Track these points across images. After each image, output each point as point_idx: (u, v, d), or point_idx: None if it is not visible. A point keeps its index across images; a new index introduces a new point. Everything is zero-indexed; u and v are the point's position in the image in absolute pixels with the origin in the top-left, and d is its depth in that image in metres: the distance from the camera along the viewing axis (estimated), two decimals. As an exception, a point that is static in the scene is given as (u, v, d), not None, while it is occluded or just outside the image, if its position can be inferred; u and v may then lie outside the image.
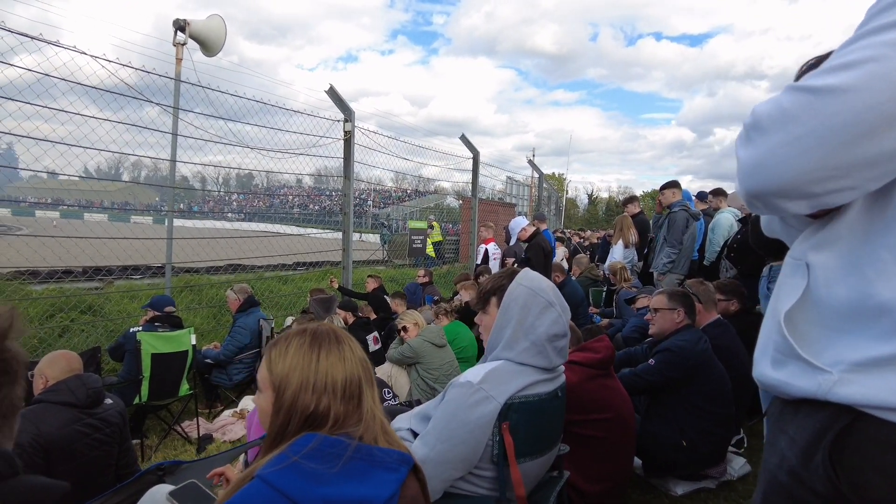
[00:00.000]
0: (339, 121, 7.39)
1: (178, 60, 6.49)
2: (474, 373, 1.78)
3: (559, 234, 12.78)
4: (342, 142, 7.41)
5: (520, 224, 6.75)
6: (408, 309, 5.37)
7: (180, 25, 6.55)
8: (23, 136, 4.74)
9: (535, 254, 6.17)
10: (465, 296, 5.95)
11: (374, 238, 19.40)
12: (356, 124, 7.35)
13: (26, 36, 4.54)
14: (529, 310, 1.84)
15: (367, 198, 26.70)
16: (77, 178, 7.11)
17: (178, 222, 7.09)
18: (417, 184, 11.20)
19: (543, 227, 7.92)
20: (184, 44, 6.55)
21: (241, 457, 2.42)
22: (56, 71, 4.74)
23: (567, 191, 45.73)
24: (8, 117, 4.50)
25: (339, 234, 7.55)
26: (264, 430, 1.17)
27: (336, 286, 6.89)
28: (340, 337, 1.19)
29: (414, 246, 11.48)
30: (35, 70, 4.68)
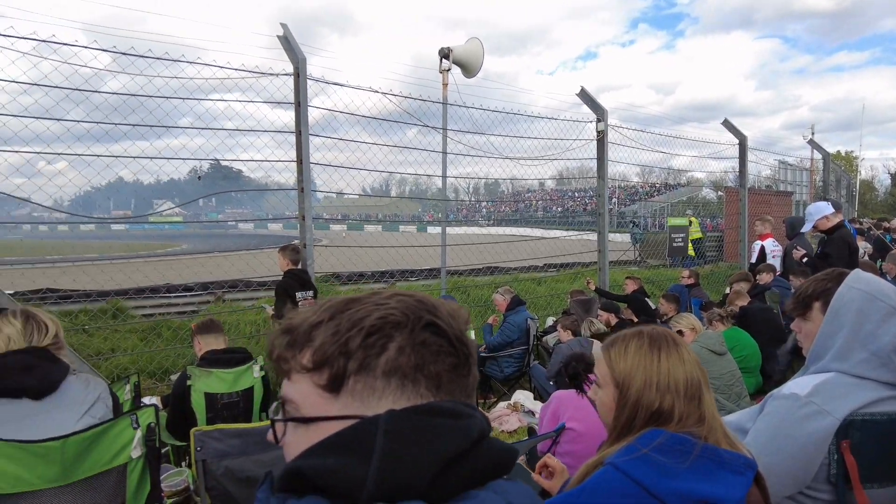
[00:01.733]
0: (589, 121, 7.40)
1: (444, 85, 7.27)
2: (799, 384, 1.62)
3: (858, 225, 10.64)
4: (594, 142, 7.40)
5: (821, 210, 5.43)
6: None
7: (445, 53, 7.32)
8: (322, 165, 5.80)
9: (838, 249, 5.13)
10: (739, 299, 5.37)
11: (620, 237, 18.82)
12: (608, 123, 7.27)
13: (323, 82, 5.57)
14: (867, 316, 1.60)
15: (611, 195, 26.12)
16: (356, 196, 8.50)
17: (434, 229, 7.92)
18: (667, 176, 10.49)
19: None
20: (448, 70, 7.30)
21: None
22: (345, 107, 5.68)
23: (859, 171, 37.78)
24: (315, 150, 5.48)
25: (594, 236, 7.55)
26: (604, 422, 1.27)
27: (593, 288, 6.89)
28: (677, 340, 1.23)
29: (675, 245, 10.75)
30: (324, 108, 5.64)
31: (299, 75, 4.79)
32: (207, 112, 5.60)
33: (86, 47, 4.51)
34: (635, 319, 5.84)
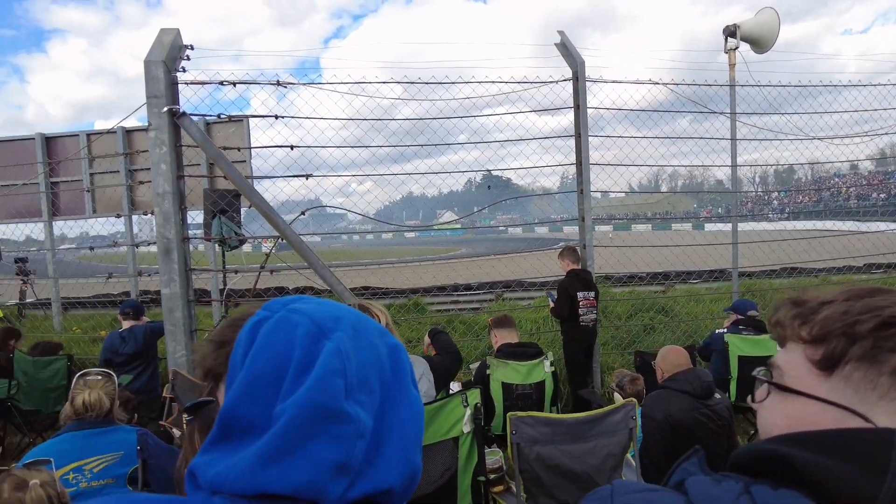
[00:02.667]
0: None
1: (731, 66, 6.55)
2: None
3: None
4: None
5: None
6: None
7: (731, 31, 6.60)
8: (601, 165, 5.73)
9: None
10: None
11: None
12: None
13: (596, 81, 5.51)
14: None
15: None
16: (622, 195, 8.18)
17: (711, 226, 7.10)
18: None
19: None
20: (735, 48, 6.56)
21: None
22: (611, 103, 5.51)
23: None
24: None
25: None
26: None
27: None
28: None
29: None
30: (602, 108, 5.56)
31: (578, 79, 4.87)
32: (482, 127, 6.14)
33: (383, 82, 5.31)
34: None
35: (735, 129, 6.26)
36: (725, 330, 4.38)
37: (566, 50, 4.98)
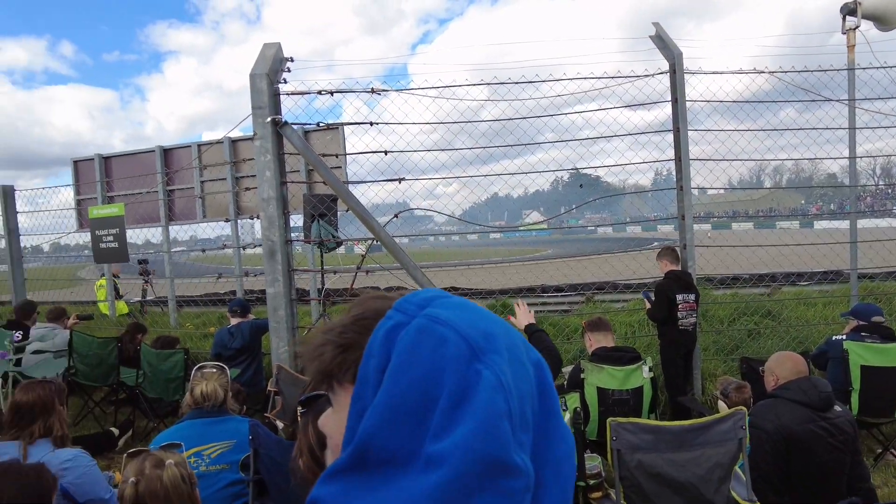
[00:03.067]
0: None
1: (850, 48, 5.99)
2: None
3: None
4: None
5: None
6: None
7: (850, 9, 6.03)
8: (702, 160, 5.43)
9: None
10: None
11: None
12: None
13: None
14: None
15: None
16: (722, 191, 7.64)
17: (822, 224, 6.49)
18: None
19: None
20: (856, 27, 5.99)
21: None
22: (712, 96, 5.21)
23: None
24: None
25: None
26: None
27: None
28: None
29: None
30: (702, 101, 5.26)
31: (675, 71, 4.65)
32: (572, 124, 5.99)
33: (470, 85, 5.30)
34: None
35: (854, 116, 5.71)
36: (844, 336, 4.00)
37: (662, 42, 4.77)
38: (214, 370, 3.18)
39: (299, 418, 1.55)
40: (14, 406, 2.82)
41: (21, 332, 5.81)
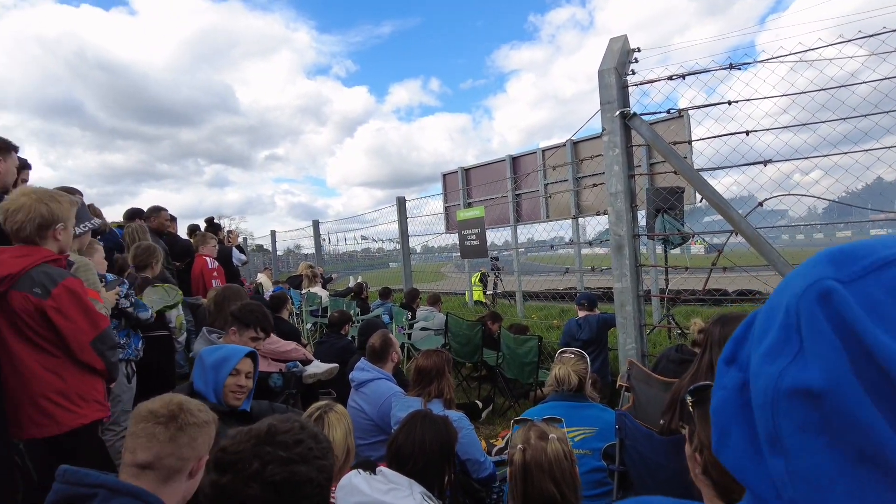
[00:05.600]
0: None
1: None
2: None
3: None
4: None
5: None
6: None
7: None
8: None
9: None
10: None
11: None
12: None
13: None
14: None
15: None
16: None
17: None
18: None
19: None
20: None
21: None
22: None
23: None
24: None
25: None
26: None
27: None
28: None
29: None
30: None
31: None
32: None
33: (834, 44, 4.17)
34: None
35: None
36: None
37: None
38: (572, 356, 3.31)
39: (690, 408, 1.45)
40: (418, 369, 3.48)
41: (410, 313, 7.27)
